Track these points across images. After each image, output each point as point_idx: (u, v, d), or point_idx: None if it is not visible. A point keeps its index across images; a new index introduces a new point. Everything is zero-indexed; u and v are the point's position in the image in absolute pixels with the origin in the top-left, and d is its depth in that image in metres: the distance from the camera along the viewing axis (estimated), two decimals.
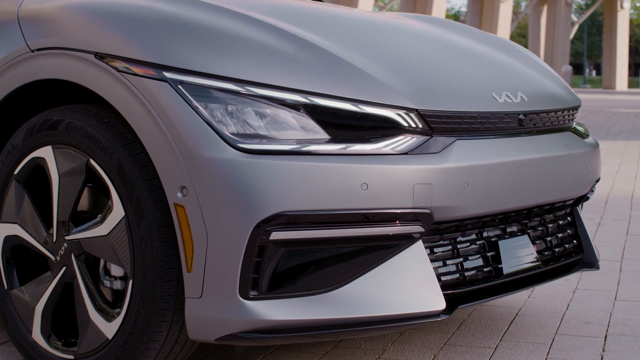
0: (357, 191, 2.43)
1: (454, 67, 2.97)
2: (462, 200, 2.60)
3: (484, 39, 3.52)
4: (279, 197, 2.37)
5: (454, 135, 2.65)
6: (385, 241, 2.53)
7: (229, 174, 2.37)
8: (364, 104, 2.52)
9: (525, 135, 2.91)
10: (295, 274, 2.46)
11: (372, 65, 2.66)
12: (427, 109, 2.60)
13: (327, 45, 2.68)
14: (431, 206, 2.53)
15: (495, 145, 2.75)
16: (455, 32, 3.50)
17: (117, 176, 2.53)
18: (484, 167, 2.65)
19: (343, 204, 2.42)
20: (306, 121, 2.47)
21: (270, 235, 2.39)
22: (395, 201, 2.48)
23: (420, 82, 2.70)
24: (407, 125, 2.56)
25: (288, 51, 2.57)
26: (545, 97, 3.10)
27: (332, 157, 2.43)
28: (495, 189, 2.70)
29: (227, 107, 2.43)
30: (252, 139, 2.41)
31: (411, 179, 2.49)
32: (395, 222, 2.51)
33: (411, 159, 2.52)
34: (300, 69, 2.52)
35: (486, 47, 3.38)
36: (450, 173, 2.56)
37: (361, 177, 2.43)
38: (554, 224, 3.15)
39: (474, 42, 3.41)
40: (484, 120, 2.75)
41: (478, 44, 3.39)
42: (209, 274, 2.41)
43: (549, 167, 2.90)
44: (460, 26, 3.68)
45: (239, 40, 2.55)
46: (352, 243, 2.50)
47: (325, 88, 2.50)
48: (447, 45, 3.23)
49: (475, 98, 2.79)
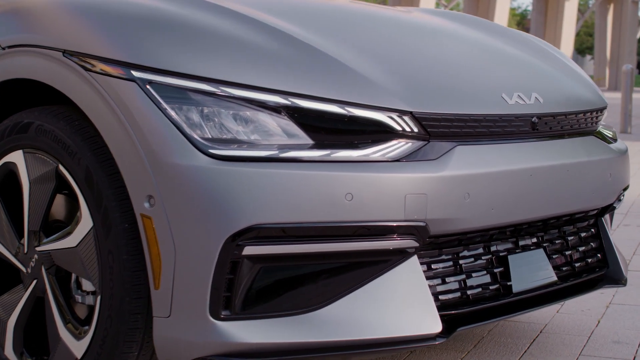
0: (341, 202, 2.20)
1: (460, 65, 2.72)
2: (463, 212, 2.36)
3: (501, 34, 3.26)
4: (253, 208, 2.16)
5: (454, 140, 2.41)
6: (374, 257, 2.30)
7: (198, 182, 2.16)
8: (352, 106, 2.29)
9: (540, 140, 2.65)
10: (273, 292, 2.24)
11: (363, 63, 2.42)
12: (423, 112, 2.36)
13: (314, 41, 2.46)
14: (426, 218, 2.30)
15: (502, 152, 2.50)
16: (471, 27, 3.24)
17: (85, 184, 2.34)
18: (488, 175, 2.41)
19: (325, 216, 2.20)
20: (287, 125, 2.25)
21: (243, 250, 2.18)
22: (384, 213, 2.25)
23: (416, 81, 2.46)
24: (401, 129, 2.33)
25: (270, 48, 2.36)
26: (564, 98, 2.84)
27: (313, 164, 2.21)
28: (502, 199, 2.45)
29: (199, 109, 2.22)
30: (225, 145, 2.20)
31: (402, 189, 2.26)
32: (385, 236, 2.28)
33: (403, 166, 2.29)
34: (282, 68, 2.31)
35: (503, 43, 3.12)
36: (448, 182, 2.32)
37: (345, 187, 2.20)
38: (575, 237, 2.88)
39: (489, 37, 3.15)
40: (490, 123, 2.50)
41: (494, 40, 3.13)
42: (177, 291, 2.21)
43: (565, 175, 2.64)
44: (477, 21, 3.42)
45: (215, 36, 2.34)
46: (336, 259, 2.27)
47: (310, 88, 2.28)
48: (456, 42, 2.98)
49: (481, 99, 2.54)
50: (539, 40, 3.42)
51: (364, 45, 2.59)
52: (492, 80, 2.68)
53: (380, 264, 2.30)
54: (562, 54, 3.33)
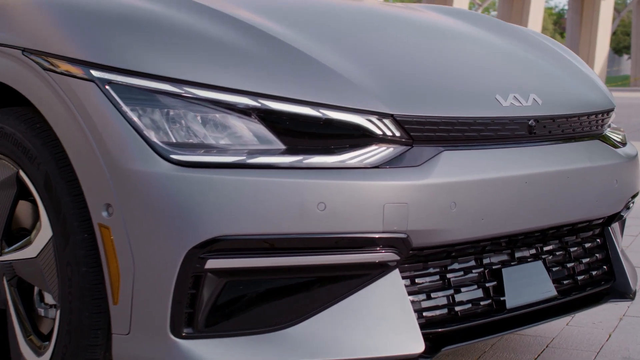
0: (312, 212, 2.04)
1: (452, 64, 2.54)
2: (449, 222, 2.19)
3: (503, 32, 3.07)
4: (217, 218, 2.00)
5: (441, 145, 2.24)
6: (350, 271, 2.13)
7: (158, 190, 2.01)
8: (328, 108, 2.13)
9: (537, 144, 2.47)
10: (240, 308, 2.08)
11: (342, 63, 2.26)
12: (405, 114, 2.19)
13: (291, 38, 2.30)
14: (407, 230, 2.13)
15: (495, 157, 2.32)
16: (471, 24, 3.06)
17: (44, 190, 2.19)
18: (478, 183, 2.23)
19: (295, 227, 2.04)
20: (257, 129, 2.09)
21: (206, 264, 2.02)
22: (361, 224, 2.08)
23: (400, 82, 2.29)
24: (381, 133, 2.16)
25: (241, 46, 2.19)
26: (566, 99, 2.65)
27: (283, 171, 2.05)
28: (494, 209, 2.27)
29: (161, 112, 2.07)
30: (188, 150, 2.04)
31: (381, 198, 2.09)
32: (362, 248, 2.11)
33: (382, 173, 2.12)
34: (253, 67, 2.15)
35: (503, 41, 2.93)
36: (432, 190, 2.15)
37: (317, 196, 2.04)
38: (578, 248, 2.70)
39: (490, 35, 2.97)
40: (481, 127, 2.32)
41: (494, 38, 2.95)
42: (137, 307, 2.06)
43: (565, 182, 2.46)
44: (480, 17, 3.23)
45: (182, 34, 2.18)
46: (309, 273, 2.11)
47: (282, 89, 2.12)
48: (451, 40, 2.80)
49: (472, 100, 2.36)
50: (546, 38, 3.22)
51: (347, 43, 2.42)
52: (486, 80, 2.50)
53: (357, 278, 2.14)
54: (570, 53, 3.14)
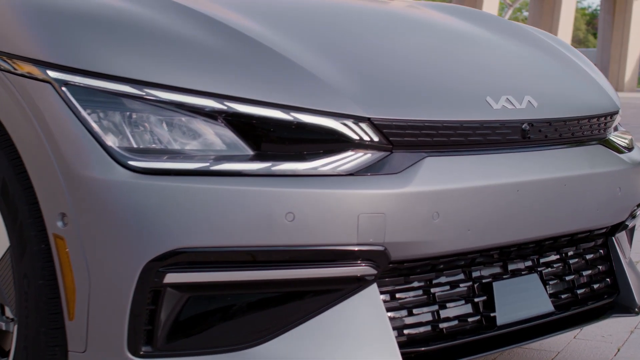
0: (280, 223, 1.90)
1: (440, 64, 2.38)
2: (431, 234, 2.04)
3: (503, 30, 2.89)
4: (177, 229, 1.86)
5: (424, 150, 2.09)
6: (323, 286, 1.99)
7: (115, 198, 1.87)
8: (299, 112, 1.99)
9: (532, 150, 2.31)
10: (203, 325, 1.94)
11: (318, 62, 2.11)
12: (383, 118, 2.04)
13: (264, 35, 2.15)
14: (384, 242, 1.98)
15: (483, 163, 2.17)
16: (468, 22, 2.89)
17: (1, 197, 2.07)
18: (463, 191, 2.08)
19: (262, 239, 1.90)
20: (224, 133, 1.96)
21: (165, 278, 1.88)
22: (333, 236, 1.94)
23: (379, 83, 2.14)
24: (357, 138, 2.02)
25: (208, 43, 2.05)
26: (565, 101, 2.49)
27: (249, 178, 1.91)
28: (481, 219, 2.12)
29: (120, 115, 1.93)
30: (147, 156, 1.91)
31: (355, 208, 1.94)
32: (335, 262, 1.97)
33: (357, 181, 1.97)
34: (220, 67, 2.01)
35: (501, 40, 2.77)
36: (412, 199, 2.00)
37: (285, 205, 1.90)
38: (578, 259, 2.54)
39: (487, 34, 2.81)
40: (468, 131, 2.17)
41: (492, 37, 2.79)
42: (93, 323, 1.92)
43: (562, 190, 2.30)
44: (478, 14, 3.06)
45: (144, 30, 2.04)
46: (278, 288, 1.97)
47: (251, 91, 1.98)
48: (441, 37, 2.64)
49: (460, 103, 2.21)
50: (551, 37, 3.05)
51: (327, 43, 2.27)
52: (478, 81, 2.34)
53: (330, 294, 1.99)
54: (577, 53, 2.96)
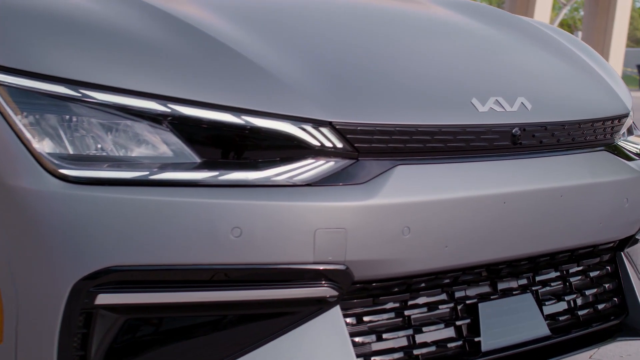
0: (225, 239, 1.70)
1: (422, 62, 2.16)
2: (401, 251, 1.83)
3: (505, 26, 2.64)
4: (110, 245, 1.68)
5: (395, 158, 1.88)
6: (276, 308, 1.79)
7: (43, 210, 1.69)
8: (253, 115, 1.79)
9: (523, 157, 2.09)
10: (142, 351, 1.75)
11: (278, 60, 1.91)
12: (347, 122, 1.83)
13: (220, 30, 1.96)
14: (346, 260, 1.78)
15: (464, 172, 1.95)
16: (466, 16, 2.65)
17: None
18: (438, 203, 1.87)
19: (205, 257, 1.71)
20: (168, 139, 1.77)
21: (97, 298, 1.70)
22: (285, 254, 1.74)
23: (345, 82, 1.93)
24: (318, 144, 1.82)
25: (153, 39, 1.86)
26: (565, 103, 2.25)
27: (192, 189, 1.72)
28: (461, 234, 1.91)
29: (52, 118, 1.75)
30: (80, 164, 1.72)
31: (311, 222, 1.74)
32: (288, 283, 1.77)
33: (315, 192, 1.77)
34: (166, 66, 1.81)
35: (501, 36, 2.53)
36: (378, 213, 1.80)
37: (231, 219, 1.71)
38: (581, 277, 2.31)
39: (486, 29, 2.57)
40: (448, 136, 1.96)
41: (489, 32, 2.55)
42: (22, 347, 1.75)
43: (558, 201, 2.07)
44: (480, 8, 2.81)
45: (80, 24, 1.86)
46: (225, 311, 1.77)
47: (200, 92, 1.78)
48: (429, 33, 2.41)
49: (440, 105, 2.00)
50: (561, 33, 2.80)
51: (293, 39, 2.05)
52: (462, 81, 2.11)
53: (286, 317, 1.80)
54: (589, 50, 2.71)
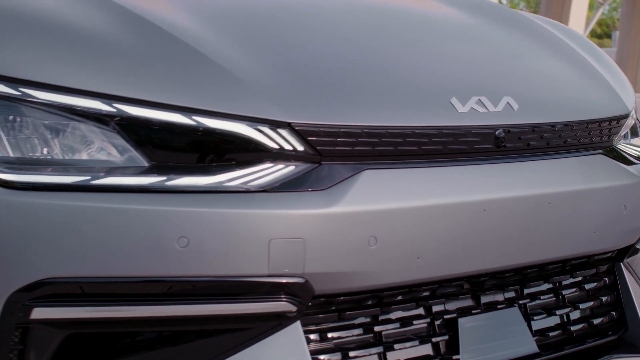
0: (171, 249, 1.57)
1: (396, 57, 2.00)
2: (367, 263, 1.69)
3: (490, 17, 2.47)
4: (46, 256, 1.56)
5: (363, 162, 1.74)
6: (229, 324, 1.66)
7: None
8: (204, 115, 1.66)
9: (508, 160, 1.94)
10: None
11: (235, 56, 1.77)
12: (308, 123, 1.70)
13: (177, 24, 1.83)
14: (304, 273, 1.64)
15: (439, 177, 1.80)
16: (456, 9, 2.50)
17: None
18: (409, 211, 1.73)
19: (149, 269, 1.58)
20: (114, 141, 1.64)
21: (32, 313, 1.58)
22: (236, 266, 1.60)
23: (308, 81, 1.79)
24: (276, 147, 1.68)
25: (100, 33, 1.74)
26: (557, 103, 2.10)
27: (137, 195, 1.59)
28: (435, 244, 1.76)
29: None
30: (15, 167, 1.60)
31: (265, 232, 1.61)
32: (241, 297, 1.64)
33: (271, 199, 1.64)
34: (114, 62, 1.68)
35: (491, 31, 2.38)
36: (341, 221, 1.66)
37: (177, 228, 1.58)
38: (576, 290, 2.16)
39: (467, 19, 2.40)
40: (422, 139, 1.81)
41: (471, 23, 2.39)
42: None
43: (546, 209, 1.92)
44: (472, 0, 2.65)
45: (19, 17, 1.74)
46: (172, 326, 1.64)
47: (148, 91, 1.65)
48: (403, 25, 2.22)
49: (414, 105, 1.85)
50: (559, 26, 2.64)
51: (256, 36, 1.89)
52: (442, 79, 1.96)
53: (240, 333, 1.66)
54: (589, 45, 2.54)
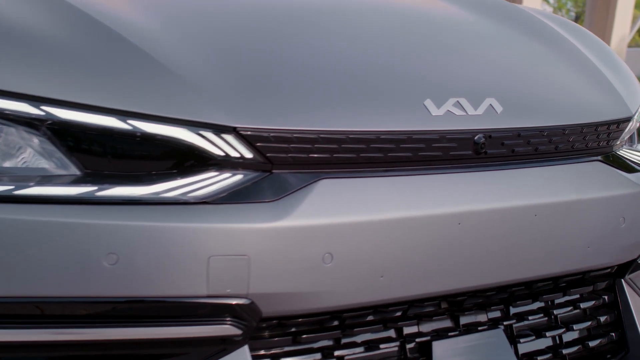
0: (98, 266, 1.42)
1: (366, 57, 1.82)
2: (323, 282, 1.53)
3: (478, 9, 2.28)
4: None
5: (318, 170, 1.58)
6: (167, 349, 1.50)
7: None
8: (141, 119, 1.50)
9: (489, 168, 1.77)
10: None
11: (180, 56, 1.61)
12: (256, 127, 1.53)
13: (124, 21, 1.68)
14: (249, 293, 1.49)
15: (407, 187, 1.64)
16: (445, 1, 2.32)
17: None
18: (370, 225, 1.56)
19: (74, 288, 1.43)
20: (41, 147, 1.50)
21: None
22: (171, 285, 1.45)
23: (261, 83, 1.62)
24: (221, 154, 1.52)
25: (31, 28, 1.59)
26: (547, 105, 1.91)
27: (61, 207, 1.44)
28: (401, 261, 1.60)
29: None
30: None
31: (204, 248, 1.45)
32: (179, 319, 1.48)
33: (211, 212, 1.48)
34: (43, 60, 1.54)
35: (471, 22, 2.18)
36: (291, 236, 1.50)
37: (106, 243, 1.42)
38: (570, 309, 1.98)
39: (452, 12, 2.23)
40: (389, 145, 1.64)
41: (455, 16, 2.21)
42: None
43: (532, 222, 1.75)
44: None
45: None
46: (103, 351, 1.49)
47: (81, 93, 1.50)
48: (377, 22, 2.04)
49: (382, 108, 1.68)
50: (559, 20, 2.43)
51: (207, 37, 1.72)
52: (417, 79, 1.79)
53: (181, 358, 1.51)
54: (592, 40, 2.34)
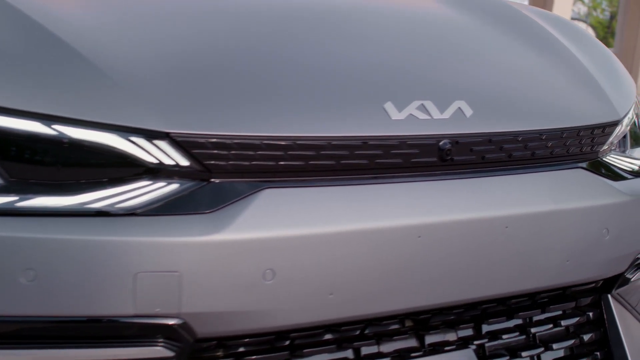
0: (15, 283, 1.32)
1: (319, 57, 1.68)
2: (263, 300, 1.42)
3: (463, 6, 2.14)
4: None
5: (261, 179, 1.47)
6: None
7: None
8: (65, 123, 1.40)
9: (456, 177, 1.64)
10: None
11: (113, 57, 1.50)
12: (192, 133, 1.42)
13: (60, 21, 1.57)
14: (181, 312, 1.38)
15: (361, 197, 1.52)
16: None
17: None
18: (316, 238, 1.45)
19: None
20: None
21: None
22: (94, 303, 1.35)
23: (199, 86, 1.50)
24: (154, 161, 1.42)
25: None
26: (523, 108, 1.78)
27: None
28: (352, 278, 1.48)
29: None
30: None
31: (130, 264, 1.35)
32: (103, 340, 1.38)
33: (139, 224, 1.37)
34: None
35: (452, 18, 2.06)
36: (227, 251, 1.39)
37: (23, 258, 1.32)
38: (551, 326, 1.85)
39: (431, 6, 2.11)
40: (342, 152, 1.52)
41: (435, 12, 2.09)
42: None
43: (502, 234, 1.63)
44: None
45: None
46: None
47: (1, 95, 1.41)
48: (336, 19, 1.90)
49: (335, 112, 1.56)
50: (548, 14, 2.29)
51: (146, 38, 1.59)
52: (377, 81, 1.66)
53: None
54: (584, 38, 2.19)
